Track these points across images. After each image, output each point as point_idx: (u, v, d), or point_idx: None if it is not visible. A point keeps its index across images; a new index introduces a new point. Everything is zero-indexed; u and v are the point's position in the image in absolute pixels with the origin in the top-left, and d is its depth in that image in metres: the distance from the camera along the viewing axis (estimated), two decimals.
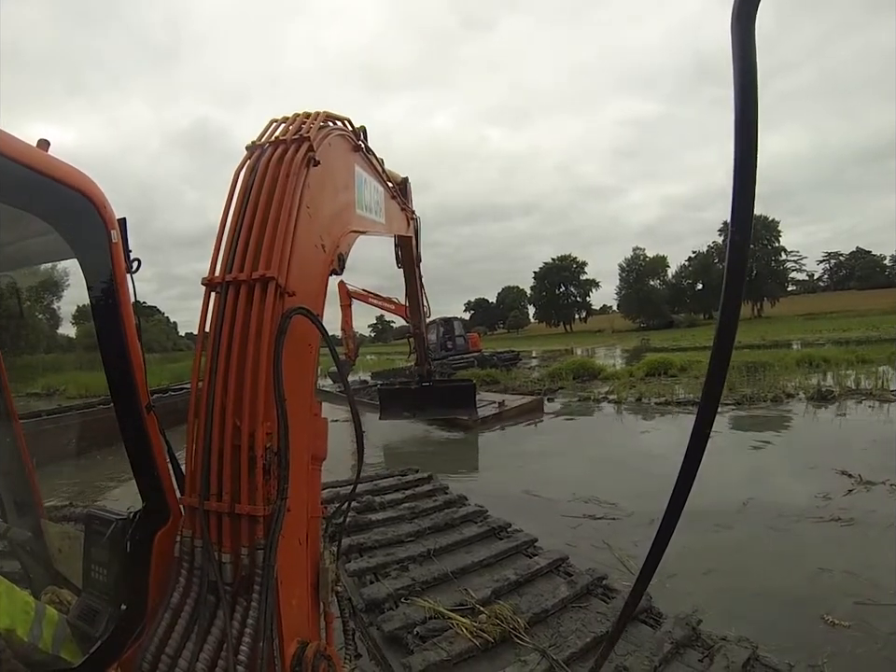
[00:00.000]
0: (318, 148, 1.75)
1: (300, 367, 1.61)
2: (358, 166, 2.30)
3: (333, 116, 2.06)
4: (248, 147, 1.77)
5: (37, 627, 1.42)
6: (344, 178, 2.14)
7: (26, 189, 1.31)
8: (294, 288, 1.54)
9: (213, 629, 1.36)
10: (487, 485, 6.90)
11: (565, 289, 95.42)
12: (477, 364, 22.14)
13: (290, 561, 1.48)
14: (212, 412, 1.44)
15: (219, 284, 1.55)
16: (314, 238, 1.74)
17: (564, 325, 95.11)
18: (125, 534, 1.49)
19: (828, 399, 11.83)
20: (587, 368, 19.65)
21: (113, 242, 1.49)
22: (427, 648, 2.99)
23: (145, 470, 1.53)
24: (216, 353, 1.47)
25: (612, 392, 14.52)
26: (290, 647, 1.42)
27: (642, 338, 43.74)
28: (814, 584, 3.94)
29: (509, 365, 23.33)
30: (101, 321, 1.50)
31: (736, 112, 0.82)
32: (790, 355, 19.57)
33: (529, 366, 27.11)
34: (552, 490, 6.53)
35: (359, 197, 2.29)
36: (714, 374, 1.00)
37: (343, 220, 2.05)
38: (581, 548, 4.73)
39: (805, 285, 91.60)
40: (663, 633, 3.04)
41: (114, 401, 1.51)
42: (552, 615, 3.35)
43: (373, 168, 2.57)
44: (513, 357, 25.24)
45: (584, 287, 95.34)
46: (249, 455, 1.38)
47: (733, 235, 0.90)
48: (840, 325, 41.19)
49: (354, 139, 2.23)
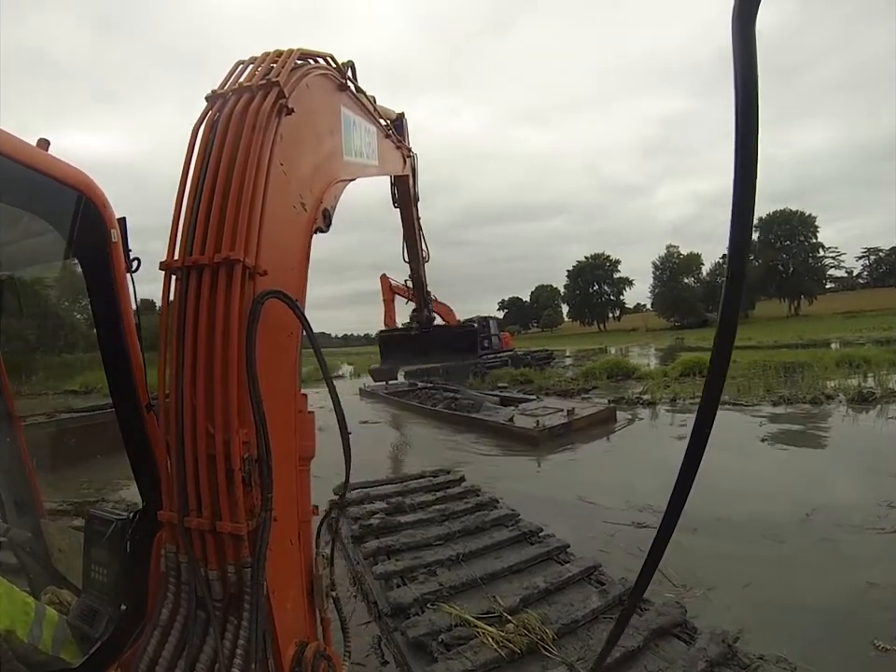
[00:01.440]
0: (292, 93, 1.52)
1: (279, 359, 1.45)
2: (345, 107, 2.06)
3: (310, 52, 1.79)
4: (208, 98, 1.52)
5: (37, 628, 1.41)
6: (329, 123, 1.90)
7: (26, 188, 1.31)
8: (267, 266, 1.34)
9: (204, 647, 1.28)
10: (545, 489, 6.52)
11: (598, 288, 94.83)
12: (511, 363, 22.03)
13: (282, 564, 1.42)
14: (181, 417, 1.28)
15: (179, 269, 1.36)
16: (291, 198, 1.54)
17: (597, 324, 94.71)
18: (125, 534, 1.49)
19: (869, 400, 11.17)
20: (621, 367, 19.26)
21: (113, 241, 1.49)
22: (451, 657, 2.92)
23: (145, 470, 1.51)
24: (181, 348, 1.30)
25: (646, 392, 14.12)
26: (289, 649, 1.38)
27: (676, 337, 42.72)
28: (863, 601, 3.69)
29: (542, 364, 23.09)
30: (100, 321, 1.50)
31: (737, 112, 0.81)
32: (828, 354, 18.69)
33: (563, 365, 26.67)
34: (601, 495, 6.08)
35: (347, 142, 2.06)
36: (714, 374, 0.98)
37: (328, 171, 1.82)
38: (615, 555, 4.59)
39: (843, 282, 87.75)
40: (697, 650, 2.88)
41: (114, 401, 1.50)
42: (581, 626, 3.21)
43: (363, 107, 2.33)
44: (547, 357, 25.01)
45: (618, 285, 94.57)
46: (226, 467, 1.24)
47: (733, 235, 0.88)
48: (881, 323, 38.98)
49: (338, 77, 1.98)
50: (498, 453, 9.06)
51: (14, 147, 1.27)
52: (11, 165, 1.25)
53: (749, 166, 0.83)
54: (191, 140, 1.47)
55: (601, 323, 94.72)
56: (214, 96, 1.52)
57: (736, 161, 0.83)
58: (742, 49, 0.78)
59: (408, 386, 18.45)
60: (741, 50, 0.78)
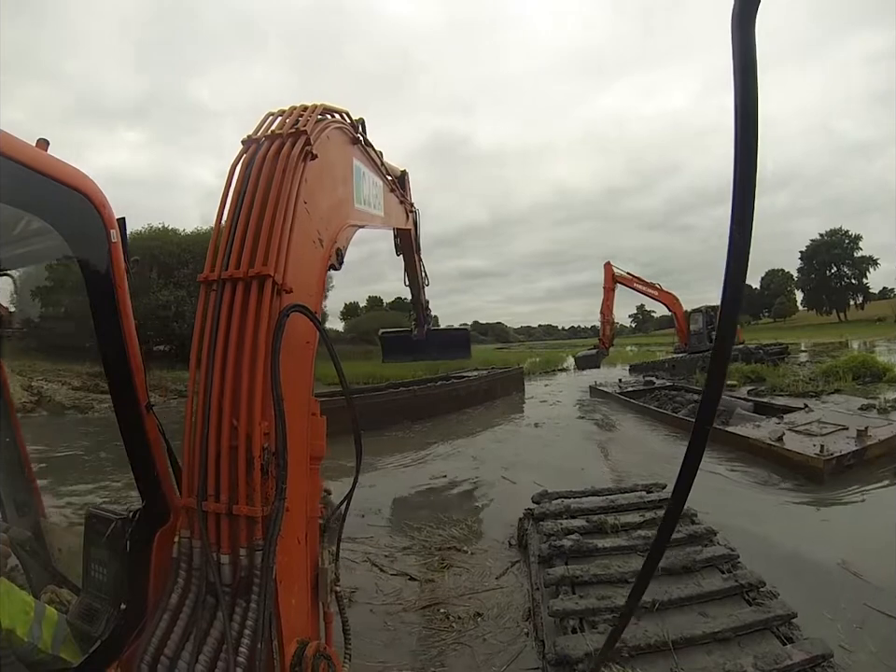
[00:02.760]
0: (315, 142, 1.74)
1: (298, 366, 1.59)
2: (357, 159, 2.28)
3: (331, 108, 2.04)
4: (244, 142, 1.74)
5: (37, 628, 1.42)
6: (342, 172, 2.12)
7: (26, 188, 1.31)
8: (291, 285, 1.52)
9: (212, 630, 1.34)
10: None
11: (837, 270, 77.19)
12: (741, 358, 19.40)
13: (289, 561, 1.47)
14: (209, 411, 1.42)
15: (215, 281, 1.52)
16: (311, 234, 1.73)
17: (836, 312, 78.23)
18: (125, 533, 1.51)
19: None
20: (868, 366, 15.72)
21: (112, 241, 1.50)
22: None
23: (144, 470, 1.54)
24: (212, 351, 1.45)
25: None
26: (290, 646, 1.41)
27: None
28: None
29: (776, 360, 20.19)
30: (100, 321, 1.51)
31: (737, 112, 0.83)
32: None
33: (798, 361, 22.77)
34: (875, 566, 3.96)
35: (358, 191, 2.27)
36: (714, 374, 1.00)
37: (341, 214, 2.04)
38: (858, 653, 3.03)
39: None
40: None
41: (114, 401, 1.52)
42: None
43: (372, 161, 2.55)
44: (781, 351, 21.78)
45: (859, 265, 75.81)
46: (247, 456, 1.37)
47: (733, 235, 0.90)
48: None
49: (352, 132, 2.21)
50: (757, 489, 6.43)
51: (14, 148, 1.27)
52: (11, 166, 1.25)
53: (750, 165, 0.86)
54: (228, 177, 1.66)
55: (841, 312, 77.71)
56: (249, 140, 1.73)
57: (736, 161, 0.86)
58: (742, 50, 0.79)
59: (643, 385, 16.55)
60: (741, 50, 0.79)
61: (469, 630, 3.56)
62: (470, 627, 3.59)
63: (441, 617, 3.75)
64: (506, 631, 3.53)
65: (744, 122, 0.82)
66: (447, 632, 3.56)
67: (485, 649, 3.34)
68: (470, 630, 3.56)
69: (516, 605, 3.83)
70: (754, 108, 0.82)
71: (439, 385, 15.14)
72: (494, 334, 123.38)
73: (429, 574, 4.50)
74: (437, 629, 3.60)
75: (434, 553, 4.95)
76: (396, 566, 4.74)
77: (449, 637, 3.49)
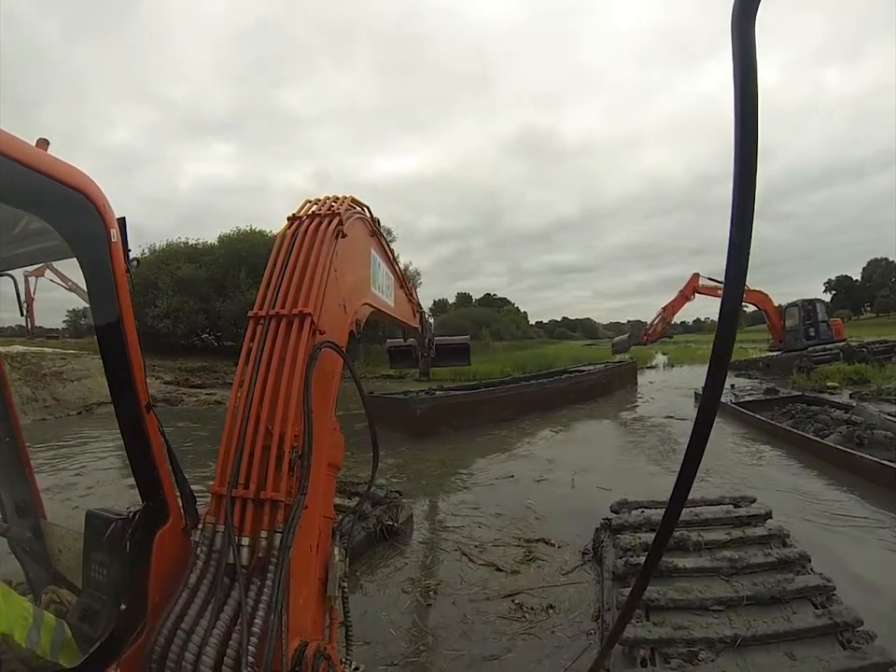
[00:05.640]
0: (346, 224, 2.07)
1: (324, 390, 1.84)
2: (374, 250, 2.59)
3: (357, 202, 2.40)
4: (289, 219, 2.08)
5: (35, 633, 1.41)
6: (364, 255, 2.45)
7: (26, 188, 1.31)
8: (324, 329, 1.81)
9: (226, 608, 1.42)
10: None
11: None
12: (842, 357, 17.98)
13: (302, 564, 1.55)
14: (247, 417, 1.63)
15: (263, 318, 1.81)
16: (338, 298, 2.02)
17: None
18: (125, 534, 1.51)
19: None
20: None
21: (112, 241, 1.50)
22: None
23: (144, 470, 1.55)
24: (255, 370, 1.70)
25: None
26: (292, 644, 1.44)
27: None
28: None
29: (881, 359, 18.18)
30: (100, 321, 1.51)
31: (737, 112, 0.82)
32: None
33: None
34: None
35: (374, 276, 2.59)
36: (715, 374, 1.00)
37: (360, 292, 2.37)
38: None
39: None
40: None
41: (114, 401, 1.52)
42: None
43: (386, 255, 2.85)
44: (887, 350, 19.32)
45: None
46: (278, 453, 1.57)
47: (733, 235, 0.89)
48: None
49: (371, 224, 2.52)
50: None
51: (14, 148, 1.26)
52: (11, 166, 1.24)
53: (750, 166, 0.85)
54: (277, 244, 2.00)
55: None
56: (293, 218, 2.07)
57: (736, 161, 0.85)
58: (742, 50, 0.79)
59: (764, 394, 13.74)
60: (741, 51, 0.79)
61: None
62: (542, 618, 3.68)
63: (516, 607, 3.83)
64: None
65: (744, 123, 0.82)
66: (520, 622, 3.64)
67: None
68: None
69: (588, 630, 3.56)
70: (754, 109, 0.82)
71: (564, 379, 16.03)
72: (583, 330, 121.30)
73: (515, 566, 4.55)
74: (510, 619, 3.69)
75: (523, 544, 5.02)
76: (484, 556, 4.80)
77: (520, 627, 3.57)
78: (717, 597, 3.19)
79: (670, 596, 3.25)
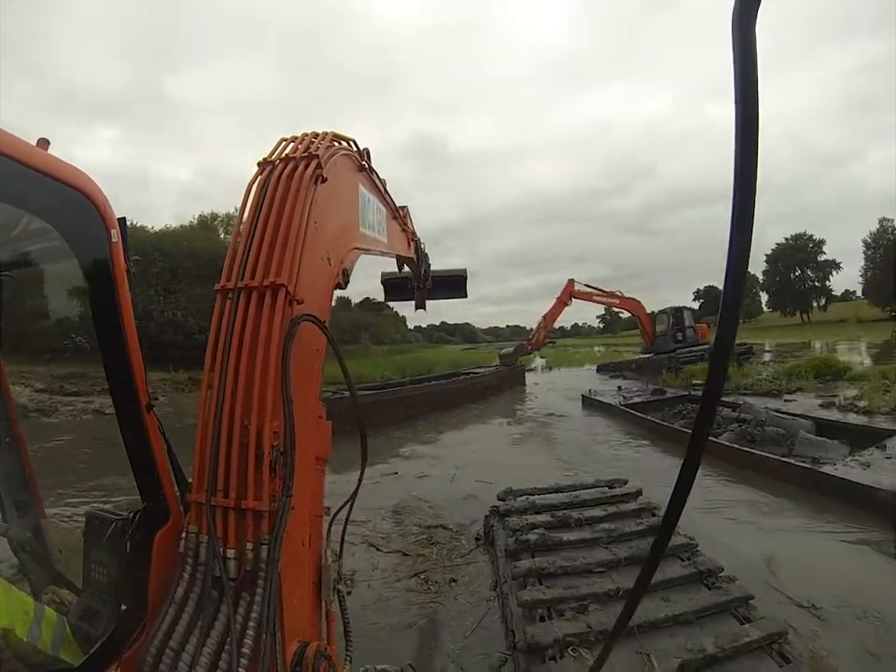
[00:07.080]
0: (326, 166, 1.81)
1: (306, 372, 1.65)
2: (362, 185, 2.36)
3: (340, 136, 2.12)
4: (260, 164, 1.82)
5: (36, 628, 1.41)
6: (349, 196, 2.20)
7: (26, 188, 1.30)
8: (302, 297, 1.59)
9: (216, 623, 1.35)
10: None
11: (801, 273, 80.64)
12: (705, 357, 19.48)
13: (293, 561, 1.49)
14: (221, 412, 1.47)
15: (231, 290, 1.59)
16: (320, 252, 1.79)
17: (800, 314, 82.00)
18: (125, 534, 1.50)
19: None
20: (829, 365, 16.57)
21: (113, 241, 1.49)
22: None
23: (145, 470, 1.53)
24: (226, 356, 1.51)
25: (863, 397, 11.35)
26: (291, 646, 1.42)
27: (894, 330, 31.68)
28: None
29: (741, 360, 20.33)
30: (100, 321, 1.50)
31: (737, 112, 0.81)
32: None
33: (761, 361, 23.43)
34: None
35: (363, 215, 2.35)
36: (714, 374, 1.00)
37: (347, 237, 2.11)
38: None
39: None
40: None
41: (114, 401, 1.52)
42: None
43: (376, 188, 2.64)
44: (745, 351, 21.84)
45: (823, 269, 79.54)
46: (256, 453, 1.41)
47: (733, 235, 0.88)
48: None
49: (358, 159, 2.30)
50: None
51: (14, 147, 1.25)
52: (11, 165, 1.24)
53: (750, 166, 0.84)
54: (245, 196, 1.75)
55: (804, 313, 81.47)
56: (264, 163, 1.81)
57: (736, 162, 0.84)
58: (742, 50, 0.77)
59: (652, 394, 14.71)
60: (741, 51, 0.78)
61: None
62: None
63: (422, 582, 4.38)
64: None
65: (744, 123, 0.81)
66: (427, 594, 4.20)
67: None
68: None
69: (488, 598, 4.04)
70: (755, 109, 0.80)
71: (461, 380, 17.78)
72: (462, 335, 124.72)
73: (420, 550, 5.07)
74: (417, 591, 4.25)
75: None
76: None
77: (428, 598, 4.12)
78: (599, 561, 3.75)
79: (559, 564, 3.77)
